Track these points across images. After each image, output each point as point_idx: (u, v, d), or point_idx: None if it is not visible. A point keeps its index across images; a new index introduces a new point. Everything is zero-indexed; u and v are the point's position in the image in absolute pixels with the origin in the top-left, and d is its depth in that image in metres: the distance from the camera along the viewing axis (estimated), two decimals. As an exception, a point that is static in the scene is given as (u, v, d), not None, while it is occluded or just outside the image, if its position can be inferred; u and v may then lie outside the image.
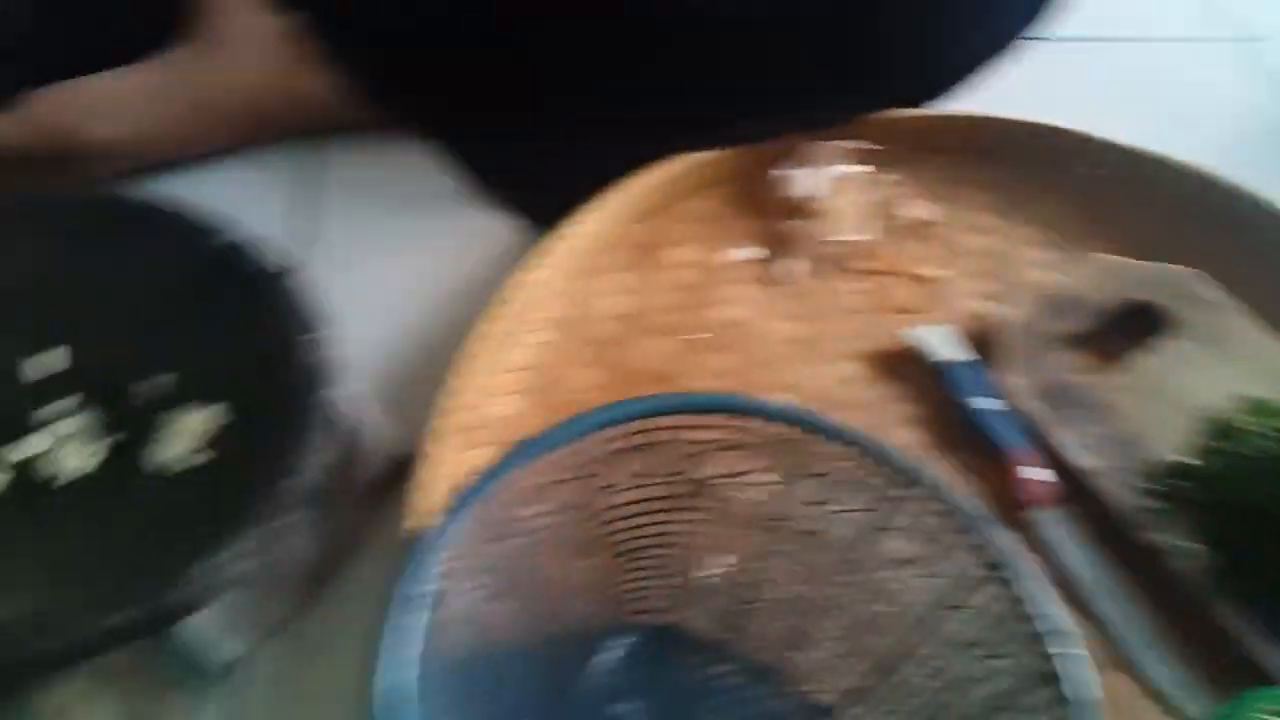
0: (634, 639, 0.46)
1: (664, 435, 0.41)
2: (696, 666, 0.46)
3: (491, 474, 0.36)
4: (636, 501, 0.44)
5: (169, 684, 0.44)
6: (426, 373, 0.55)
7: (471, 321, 0.56)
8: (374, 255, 0.61)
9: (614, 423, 0.38)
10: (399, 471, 0.50)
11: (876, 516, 0.41)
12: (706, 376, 0.55)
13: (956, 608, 0.41)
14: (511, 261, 0.59)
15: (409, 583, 0.33)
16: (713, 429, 0.40)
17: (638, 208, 0.60)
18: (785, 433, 0.40)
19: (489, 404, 0.52)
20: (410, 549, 0.34)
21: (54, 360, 0.49)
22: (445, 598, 0.35)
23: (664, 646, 0.46)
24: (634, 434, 0.40)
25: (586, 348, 0.55)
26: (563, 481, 0.40)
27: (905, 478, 0.40)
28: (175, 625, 0.42)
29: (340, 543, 0.48)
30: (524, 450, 0.37)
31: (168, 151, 0.59)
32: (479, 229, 0.61)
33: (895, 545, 0.41)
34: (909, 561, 0.42)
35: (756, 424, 0.40)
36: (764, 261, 0.60)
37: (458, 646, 0.37)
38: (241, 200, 0.55)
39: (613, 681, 0.45)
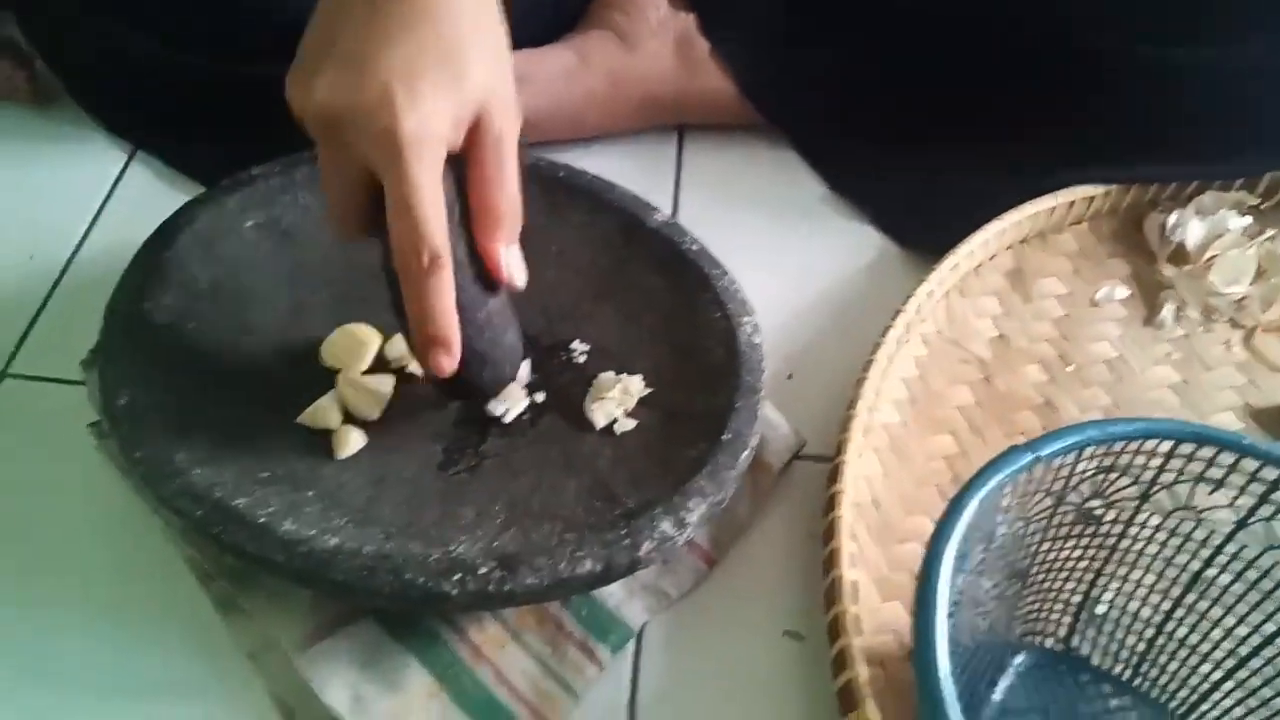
0: (1031, 661, 0.46)
1: (1128, 460, 0.41)
2: (1095, 697, 0.45)
3: (1002, 468, 0.37)
4: (1054, 526, 0.44)
5: (582, 638, 0.46)
6: (796, 370, 0.56)
7: (843, 328, 0.58)
8: (727, 251, 0.63)
9: (1128, 438, 0.39)
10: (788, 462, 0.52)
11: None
12: (1074, 410, 0.55)
13: None
14: (878, 274, 0.61)
15: (936, 576, 0.34)
16: (1188, 460, 0.40)
17: (1013, 236, 0.60)
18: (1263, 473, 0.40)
19: (878, 410, 0.52)
20: (935, 541, 0.35)
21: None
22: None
23: (1060, 673, 0.46)
24: (1112, 454, 0.40)
25: (960, 366, 0.56)
26: (1035, 494, 0.40)
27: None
28: (609, 583, 0.44)
29: (737, 525, 0.49)
30: (1036, 447, 0.37)
31: (567, 130, 0.62)
32: (841, 240, 0.62)
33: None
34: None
35: (1226, 459, 0.40)
36: (1135, 301, 0.59)
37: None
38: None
39: (1011, 700, 0.45)
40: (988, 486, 0.36)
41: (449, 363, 0.40)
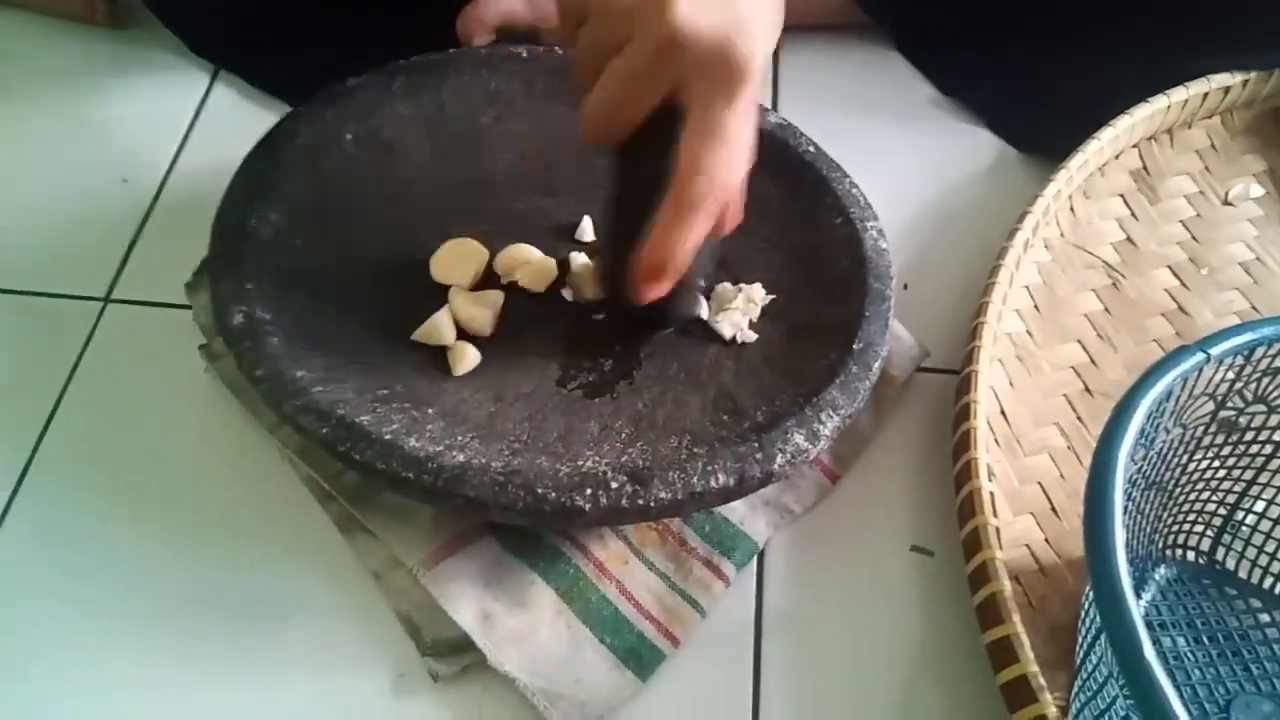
0: (1172, 574, 0.45)
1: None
2: (1244, 611, 0.44)
3: (1171, 368, 0.34)
4: (1208, 434, 0.42)
5: (707, 555, 0.45)
6: (911, 280, 0.54)
7: (957, 235, 0.55)
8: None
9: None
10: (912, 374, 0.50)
11: None
12: (1209, 315, 0.52)
13: None
14: (993, 179, 0.58)
15: (1107, 495, 0.32)
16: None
17: (1140, 133, 0.56)
18: None
19: (1003, 320, 0.50)
20: (1104, 448, 0.33)
21: (586, 224, 0.50)
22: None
23: (1204, 586, 0.44)
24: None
25: (1086, 272, 0.53)
26: (1198, 398, 0.38)
27: None
28: (741, 496, 0.42)
29: (861, 438, 0.48)
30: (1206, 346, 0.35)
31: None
32: (952, 144, 0.59)
33: None
34: None
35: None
36: (1271, 199, 0.56)
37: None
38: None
39: (1155, 615, 0.43)
40: (1157, 388, 0.34)
41: (659, 292, 0.40)
